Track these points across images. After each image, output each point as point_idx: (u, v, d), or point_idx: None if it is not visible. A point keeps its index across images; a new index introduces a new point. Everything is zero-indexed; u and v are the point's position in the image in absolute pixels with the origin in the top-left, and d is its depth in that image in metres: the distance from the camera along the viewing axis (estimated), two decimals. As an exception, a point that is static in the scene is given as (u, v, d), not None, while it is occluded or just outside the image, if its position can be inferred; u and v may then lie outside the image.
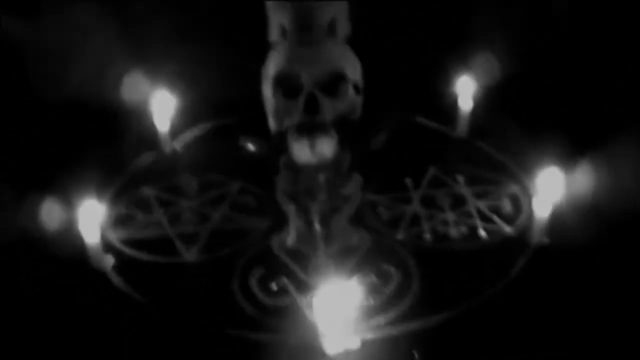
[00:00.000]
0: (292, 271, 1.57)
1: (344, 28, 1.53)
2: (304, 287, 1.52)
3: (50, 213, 1.69)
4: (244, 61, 1.68)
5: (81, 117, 2.09)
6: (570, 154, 1.77)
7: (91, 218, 1.55)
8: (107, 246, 1.64)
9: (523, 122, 2.01)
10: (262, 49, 1.55)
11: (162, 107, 2.00)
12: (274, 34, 1.54)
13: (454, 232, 1.70)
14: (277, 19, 1.51)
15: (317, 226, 1.56)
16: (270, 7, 1.52)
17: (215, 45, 2.24)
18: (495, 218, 1.73)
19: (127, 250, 1.66)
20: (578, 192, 1.68)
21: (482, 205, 1.78)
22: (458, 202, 1.79)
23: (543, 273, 1.55)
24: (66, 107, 2.12)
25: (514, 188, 1.83)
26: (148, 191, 1.86)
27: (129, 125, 2.05)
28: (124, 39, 2.19)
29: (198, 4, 2.27)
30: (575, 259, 1.56)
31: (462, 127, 2.04)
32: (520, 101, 2.12)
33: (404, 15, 2.22)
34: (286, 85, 1.48)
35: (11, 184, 1.75)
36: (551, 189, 1.59)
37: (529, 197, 1.75)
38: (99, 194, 1.70)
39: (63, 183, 1.74)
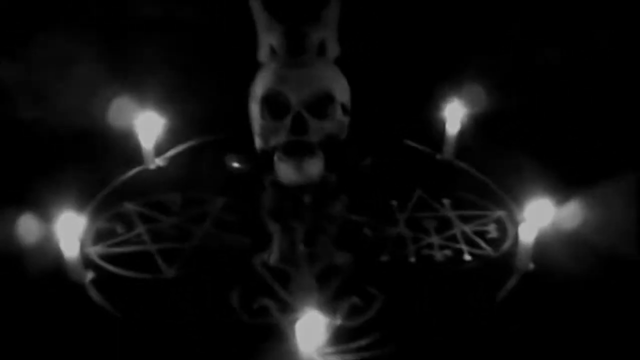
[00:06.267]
0: (274, 290, 1.55)
1: (333, 50, 1.53)
2: (285, 307, 1.51)
3: (28, 226, 1.66)
4: (232, 80, 1.68)
5: (65, 135, 2.08)
6: (555, 182, 1.77)
7: (70, 231, 1.52)
8: (87, 260, 1.61)
9: (511, 150, 2.02)
10: (250, 69, 1.56)
11: (148, 124, 1.98)
12: (263, 54, 1.54)
13: (438, 255, 1.69)
14: (267, 40, 1.51)
15: (301, 246, 1.54)
16: (260, 27, 1.52)
17: (203, 64, 2.25)
18: (481, 242, 1.73)
19: (107, 265, 1.63)
20: (564, 222, 1.69)
21: (468, 229, 1.77)
22: (443, 226, 1.79)
23: (527, 298, 1.55)
24: (51, 125, 2.10)
25: (500, 213, 1.83)
26: (130, 206, 1.84)
27: (113, 142, 2.03)
28: (111, 63, 2.19)
29: (187, 25, 2.27)
30: (560, 285, 1.56)
31: (448, 151, 2.05)
32: (509, 129, 2.13)
33: (396, 38, 2.23)
34: (274, 105, 1.47)
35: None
36: (538, 217, 1.59)
37: (515, 223, 1.75)
38: (80, 208, 1.68)
39: (42, 196, 1.72)
